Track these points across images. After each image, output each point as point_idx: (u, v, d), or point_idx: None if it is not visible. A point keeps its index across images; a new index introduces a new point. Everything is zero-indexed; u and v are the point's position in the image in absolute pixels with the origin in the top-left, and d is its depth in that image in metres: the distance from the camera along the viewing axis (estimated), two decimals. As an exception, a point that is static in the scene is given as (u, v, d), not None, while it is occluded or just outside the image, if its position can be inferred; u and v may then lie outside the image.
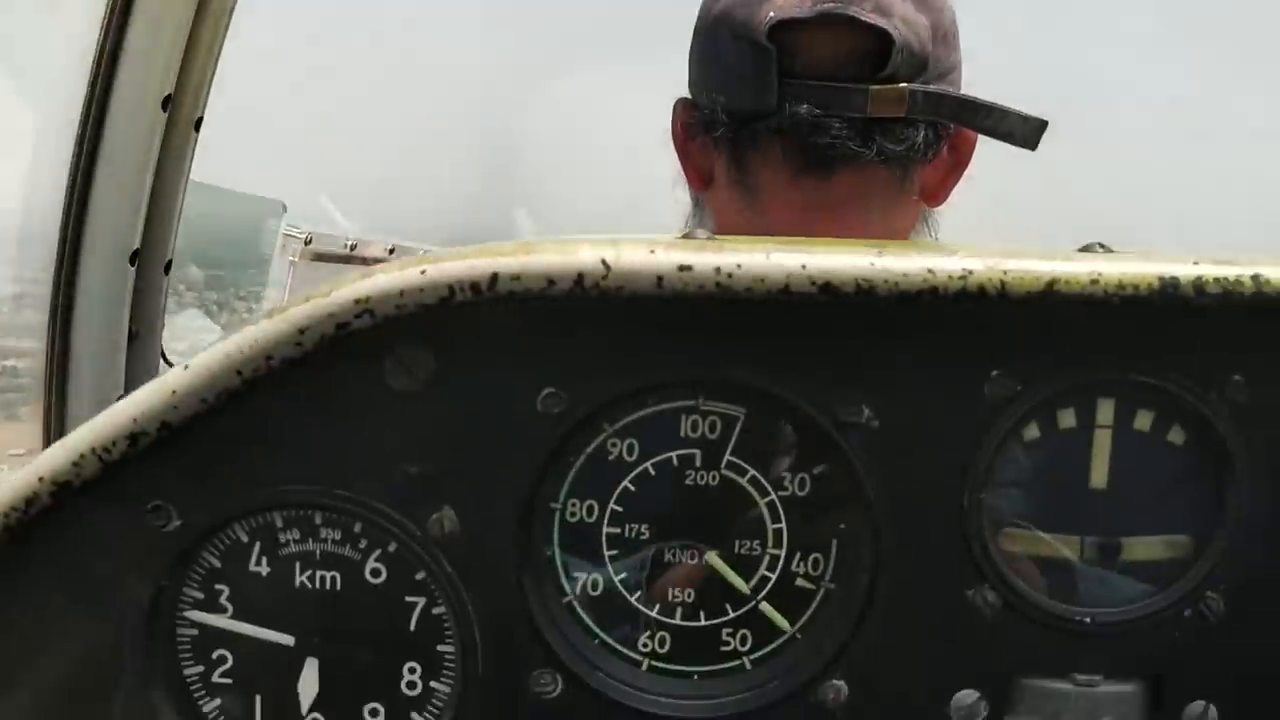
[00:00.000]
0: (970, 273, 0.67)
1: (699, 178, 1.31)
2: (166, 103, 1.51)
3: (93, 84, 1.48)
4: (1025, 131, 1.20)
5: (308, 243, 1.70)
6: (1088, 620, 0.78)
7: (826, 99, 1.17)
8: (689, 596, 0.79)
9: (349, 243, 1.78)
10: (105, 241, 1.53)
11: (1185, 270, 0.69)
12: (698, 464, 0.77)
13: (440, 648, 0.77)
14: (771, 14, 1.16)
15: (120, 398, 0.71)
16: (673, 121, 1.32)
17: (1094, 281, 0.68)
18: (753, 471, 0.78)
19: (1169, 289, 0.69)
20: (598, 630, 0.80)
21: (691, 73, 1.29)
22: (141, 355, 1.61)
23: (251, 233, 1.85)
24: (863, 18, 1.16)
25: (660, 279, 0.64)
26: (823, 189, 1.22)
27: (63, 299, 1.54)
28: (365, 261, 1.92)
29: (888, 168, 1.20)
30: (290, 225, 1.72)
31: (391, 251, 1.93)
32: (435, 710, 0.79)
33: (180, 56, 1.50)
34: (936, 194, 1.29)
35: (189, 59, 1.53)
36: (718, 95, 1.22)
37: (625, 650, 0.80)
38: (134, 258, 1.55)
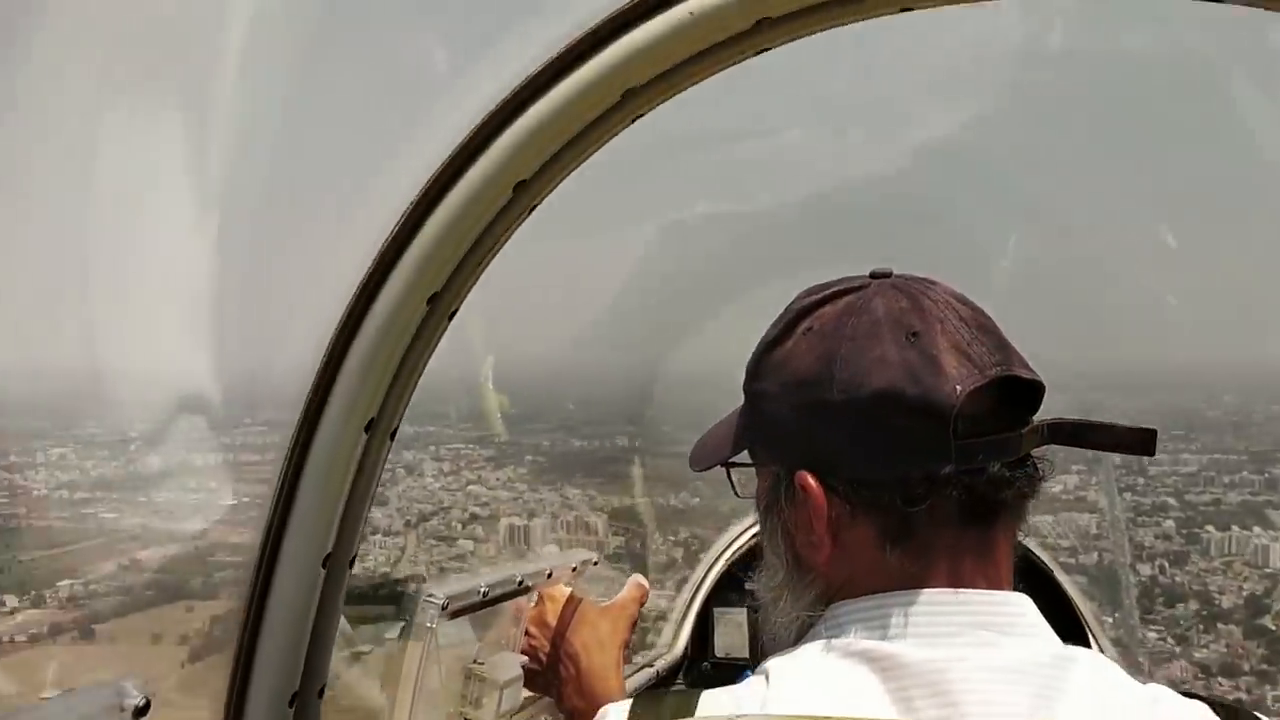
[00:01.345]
0: None
1: (829, 540, 1.30)
2: (370, 425, 1.62)
3: (306, 410, 1.60)
4: (1137, 440, 1.26)
5: (445, 607, 1.77)
6: None
7: (993, 451, 1.23)
8: None
9: (482, 590, 1.86)
10: (301, 547, 1.64)
11: None
12: None
13: None
14: (958, 388, 1.21)
15: None
16: (785, 497, 1.33)
17: None
18: None
19: None
20: None
21: (820, 449, 1.29)
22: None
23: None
24: (1024, 375, 1.25)
25: None
26: (984, 537, 1.28)
27: (259, 591, 1.66)
28: (500, 600, 2.00)
29: (1023, 506, 1.29)
30: (430, 594, 1.80)
31: (520, 583, 2.01)
32: None
33: (389, 385, 1.62)
34: None
35: (396, 382, 1.64)
36: (883, 467, 1.25)
37: None
38: (326, 560, 1.66)
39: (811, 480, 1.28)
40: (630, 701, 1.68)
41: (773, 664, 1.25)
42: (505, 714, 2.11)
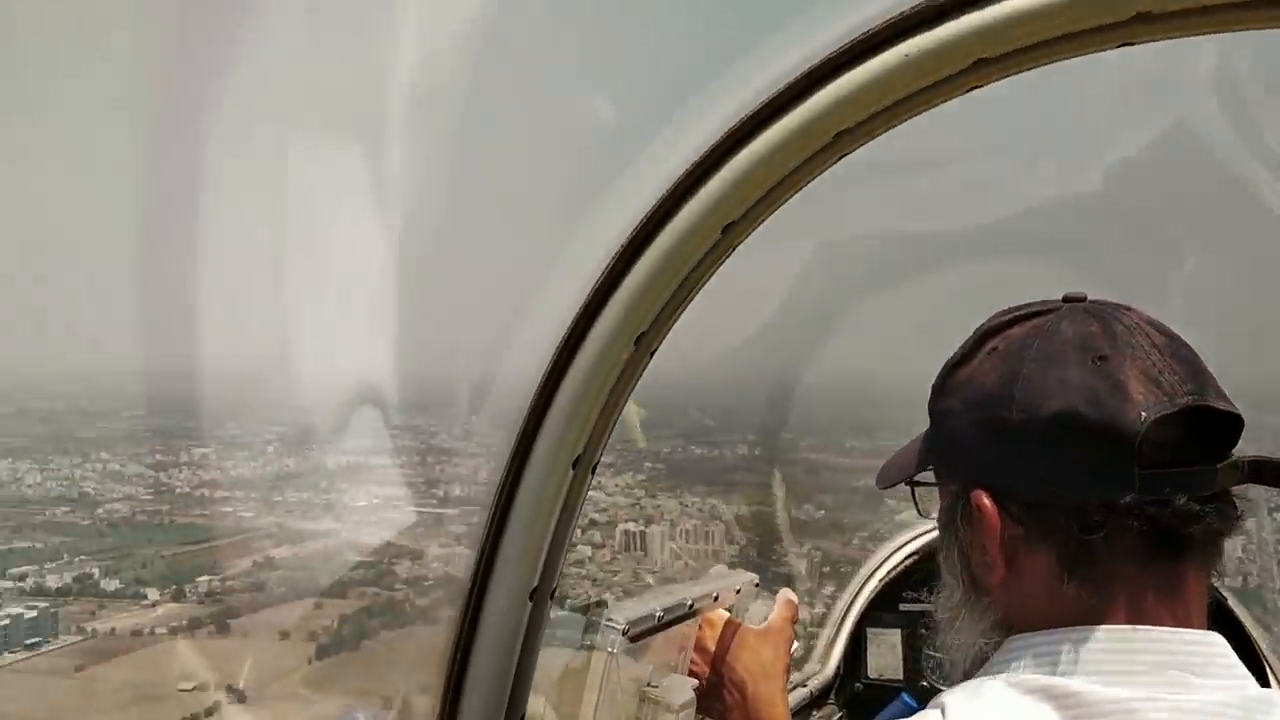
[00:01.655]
0: None
1: (1003, 563, 1.28)
2: (577, 462, 1.65)
3: (516, 446, 1.63)
4: None
5: (625, 632, 1.79)
6: None
7: (1182, 483, 1.18)
8: None
9: (658, 614, 1.88)
10: (509, 582, 1.68)
11: None
12: None
13: None
14: (1143, 414, 1.17)
15: None
16: (961, 516, 1.32)
17: None
18: None
19: None
20: None
21: (996, 468, 1.27)
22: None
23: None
24: (1219, 406, 1.21)
25: None
26: (1171, 573, 1.23)
27: (468, 622, 1.70)
28: (671, 624, 2.02)
29: (1216, 544, 1.23)
30: (610, 619, 1.82)
31: (690, 607, 2.02)
32: None
33: (594, 422, 1.65)
34: None
35: (600, 418, 1.66)
36: (1059, 490, 1.22)
37: None
38: (533, 594, 1.70)
39: (986, 500, 1.26)
40: None
41: (949, 698, 1.23)
42: None
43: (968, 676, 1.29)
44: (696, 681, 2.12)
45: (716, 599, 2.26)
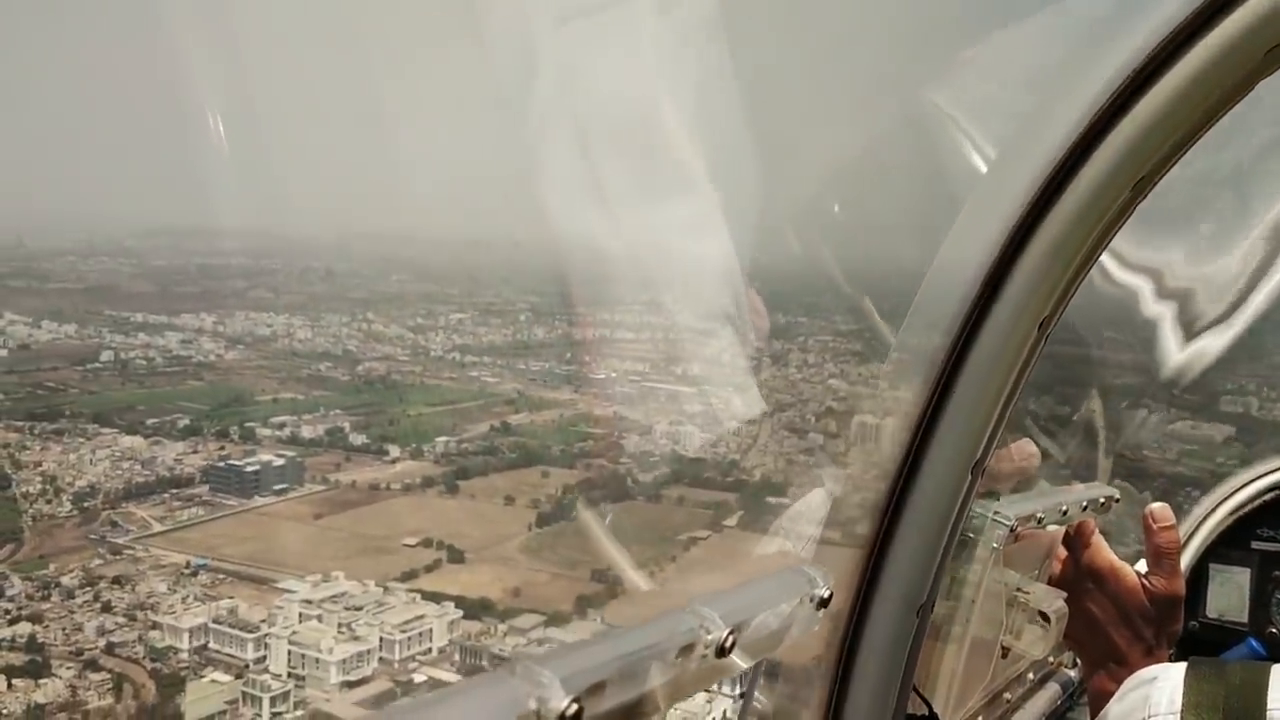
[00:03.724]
0: None
1: None
2: (1044, 324, 1.52)
3: (974, 304, 1.51)
4: None
5: (1013, 529, 1.64)
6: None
7: None
8: None
9: (1039, 515, 1.72)
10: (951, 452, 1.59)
11: None
12: None
13: None
14: None
15: None
16: None
17: None
18: None
19: None
20: None
21: None
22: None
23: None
24: None
25: None
26: None
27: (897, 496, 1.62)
28: (1044, 528, 1.86)
29: None
30: (999, 513, 1.67)
31: (1064, 512, 1.87)
32: None
33: (1065, 285, 1.50)
34: None
35: (1069, 282, 1.52)
36: None
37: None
38: (974, 468, 1.60)
39: None
40: (1183, 666, 1.50)
41: None
42: (1043, 650, 1.99)
43: None
44: (1065, 594, 1.98)
45: (1085, 508, 2.11)
